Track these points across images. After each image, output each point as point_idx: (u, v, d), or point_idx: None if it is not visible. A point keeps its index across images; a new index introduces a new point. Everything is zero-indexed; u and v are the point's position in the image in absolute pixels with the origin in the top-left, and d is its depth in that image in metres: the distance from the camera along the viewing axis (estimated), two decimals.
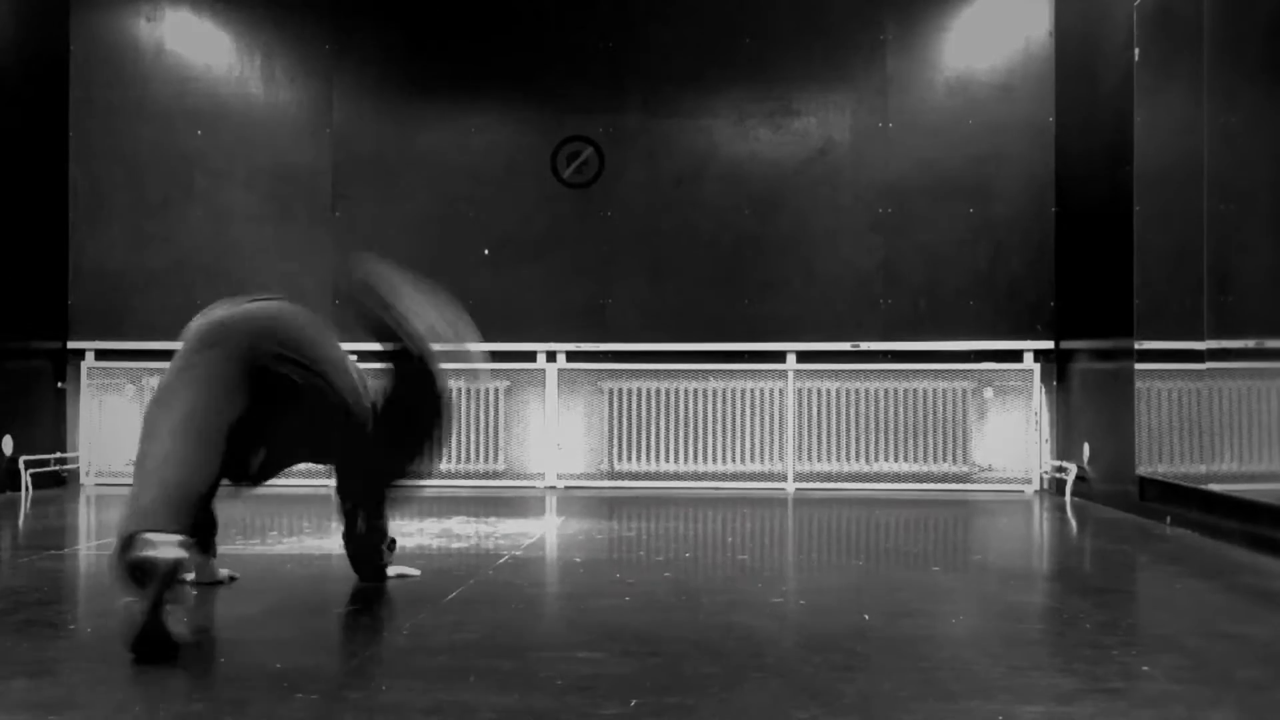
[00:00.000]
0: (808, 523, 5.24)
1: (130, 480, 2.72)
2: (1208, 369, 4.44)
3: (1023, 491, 6.48)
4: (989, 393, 6.59)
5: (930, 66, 6.71)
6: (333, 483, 3.56)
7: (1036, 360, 6.56)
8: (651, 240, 6.77)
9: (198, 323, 3.06)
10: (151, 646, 2.44)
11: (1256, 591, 3.45)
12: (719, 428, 6.67)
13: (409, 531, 4.68)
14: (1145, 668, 2.45)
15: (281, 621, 2.98)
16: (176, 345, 3.00)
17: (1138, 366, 5.16)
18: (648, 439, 6.67)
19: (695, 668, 2.44)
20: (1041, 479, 6.53)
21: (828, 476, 6.61)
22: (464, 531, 4.69)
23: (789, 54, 6.77)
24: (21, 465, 6.28)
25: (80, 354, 6.86)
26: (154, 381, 6.79)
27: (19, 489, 6.25)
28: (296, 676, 2.34)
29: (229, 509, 5.51)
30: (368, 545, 3.48)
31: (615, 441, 6.69)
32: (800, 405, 6.64)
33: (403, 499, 3.57)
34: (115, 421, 6.84)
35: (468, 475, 6.70)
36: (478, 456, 6.72)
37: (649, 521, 5.22)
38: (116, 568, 2.48)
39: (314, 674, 2.37)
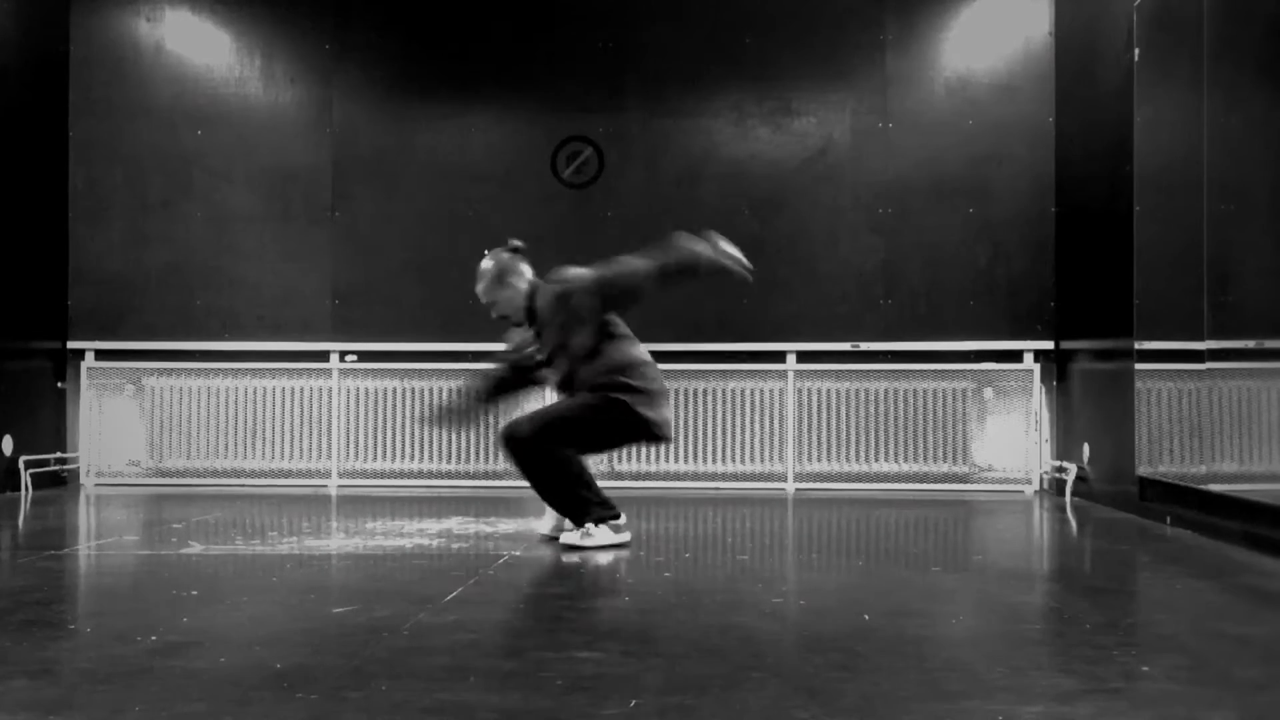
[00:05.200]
0: (808, 523, 5.24)
1: (130, 480, 2.74)
2: (1208, 369, 4.44)
3: (1023, 492, 6.48)
4: (989, 393, 6.59)
5: (930, 66, 6.71)
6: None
7: (1036, 360, 6.56)
8: (651, 240, 6.74)
9: None
10: None
11: (1256, 591, 3.45)
12: (719, 428, 6.67)
13: (409, 532, 4.68)
14: (1145, 668, 2.45)
15: (281, 621, 2.98)
16: (176, 345, 3.01)
17: (1138, 366, 5.16)
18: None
19: (695, 668, 2.44)
20: (1041, 479, 6.53)
21: (828, 476, 6.61)
22: (464, 531, 4.69)
23: (789, 54, 6.77)
24: (21, 465, 6.28)
25: (80, 354, 6.86)
26: (154, 382, 6.80)
27: (19, 489, 6.25)
28: (296, 676, 2.34)
29: (230, 508, 5.52)
30: None
31: None
32: (800, 405, 6.64)
33: None
34: (115, 421, 6.84)
35: (468, 475, 6.71)
36: (478, 456, 6.72)
37: (649, 521, 5.22)
38: None
39: (314, 674, 2.37)
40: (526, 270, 4.48)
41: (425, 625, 2.86)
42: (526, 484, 4.36)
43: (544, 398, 4.75)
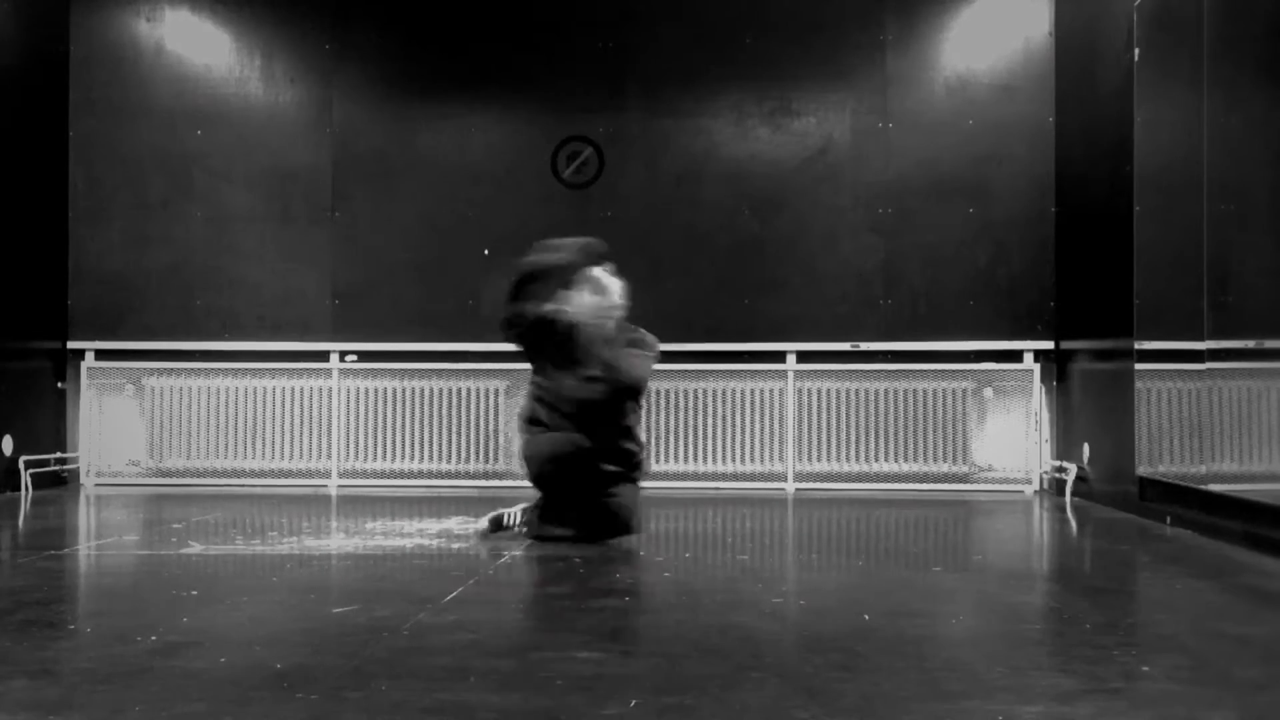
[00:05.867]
0: (808, 523, 5.24)
1: (130, 480, 2.74)
2: (1208, 369, 4.44)
3: (1023, 492, 6.48)
4: (989, 393, 6.59)
5: (930, 66, 6.71)
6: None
7: (1036, 360, 6.56)
8: (651, 240, 6.76)
9: None
10: None
11: (1256, 591, 3.45)
12: (719, 428, 6.67)
13: (409, 532, 4.68)
14: (1145, 668, 2.45)
15: (281, 621, 2.98)
16: (176, 345, 3.01)
17: (1138, 366, 5.16)
18: (648, 439, 6.66)
19: (695, 668, 2.44)
20: (1041, 479, 6.53)
21: (828, 476, 6.61)
22: (464, 531, 4.69)
23: (789, 54, 6.77)
24: (21, 465, 6.28)
25: (80, 354, 6.86)
26: (154, 382, 6.80)
27: (19, 489, 6.25)
28: (296, 676, 2.34)
29: (230, 508, 5.52)
30: None
31: None
32: (800, 405, 6.64)
33: None
34: (115, 421, 6.84)
35: (468, 475, 6.71)
36: (478, 456, 6.72)
37: (649, 521, 5.22)
38: None
39: (314, 674, 2.37)
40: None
41: (425, 625, 2.86)
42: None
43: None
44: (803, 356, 6.67)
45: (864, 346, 6.65)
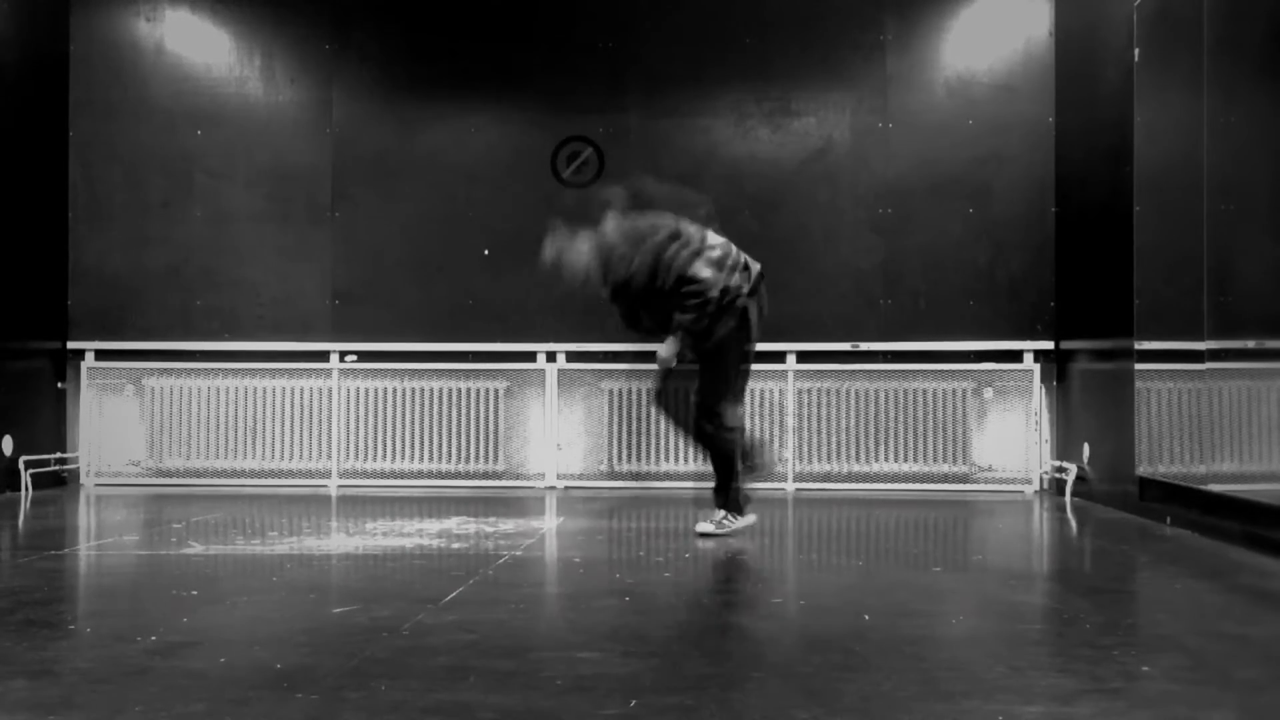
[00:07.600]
0: (808, 523, 5.24)
1: (130, 480, 2.74)
2: (1208, 369, 4.44)
3: (1023, 492, 6.48)
4: (989, 393, 6.59)
5: (930, 66, 6.71)
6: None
7: (1036, 360, 6.56)
8: None
9: None
10: None
11: (1256, 591, 3.45)
12: None
13: (409, 532, 4.68)
14: (1145, 668, 2.45)
15: (281, 621, 2.98)
16: (176, 345, 3.01)
17: (1138, 366, 5.17)
18: (647, 439, 6.67)
19: (695, 668, 2.44)
20: (1041, 479, 6.53)
21: (828, 476, 6.61)
22: (464, 531, 4.69)
23: (789, 54, 6.77)
24: (21, 465, 6.28)
25: (80, 354, 6.86)
26: (154, 382, 6.80)
27: (19, 489, 6.25)
28: (296, 676, 2.35)
29: (230, 508, 5.52)
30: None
31: (615, 441, 6.69)
32: (800, 405, 6.64)
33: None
34: (115, 421, 6.84)
35: (468, 475, 6.70)
36: (478, 456, 6.72)
37: (649, 521, 5.22)
38: None
39: (314, 674, 2.37)
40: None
41: (425, 625, 2.86)
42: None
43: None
44: (803, 356, 6.67)
45: (864, 346, 6.65)
